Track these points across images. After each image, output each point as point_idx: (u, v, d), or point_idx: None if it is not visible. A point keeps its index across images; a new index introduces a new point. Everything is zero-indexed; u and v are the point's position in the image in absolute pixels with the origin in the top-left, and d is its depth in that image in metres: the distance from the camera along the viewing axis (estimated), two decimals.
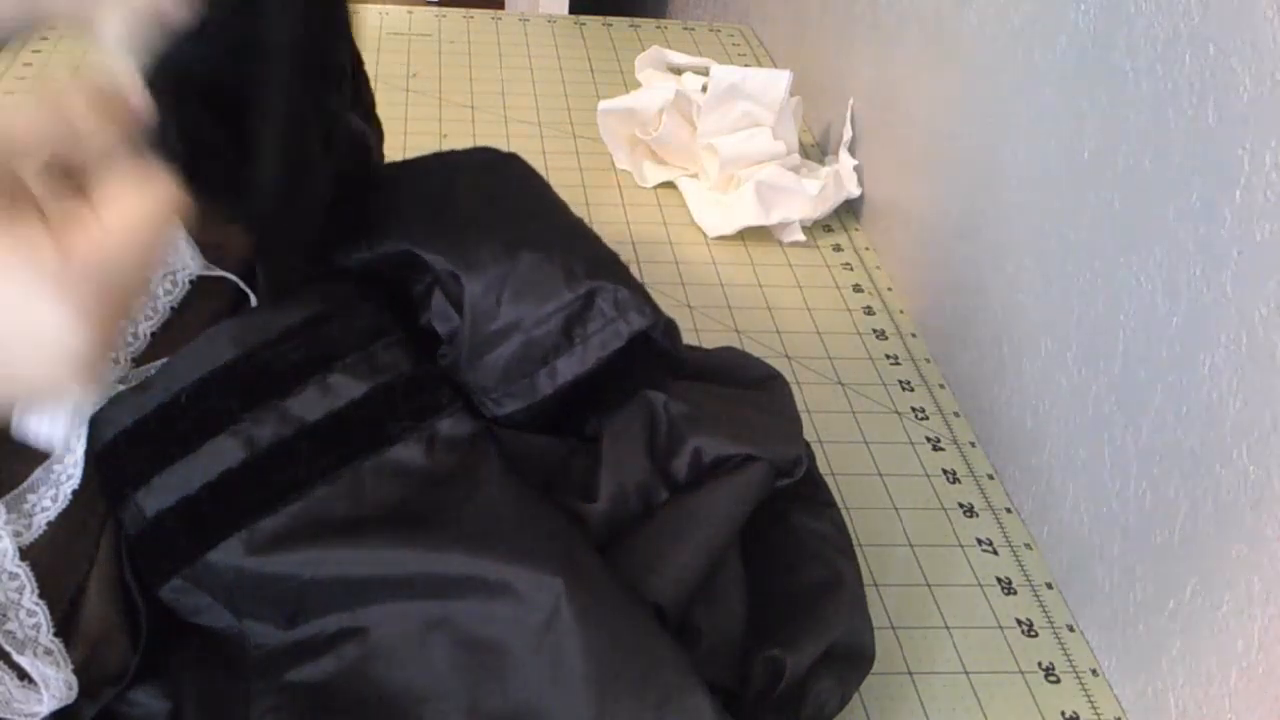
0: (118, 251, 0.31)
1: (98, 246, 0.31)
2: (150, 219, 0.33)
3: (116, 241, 0.32)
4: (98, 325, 0.31)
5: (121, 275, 0.32)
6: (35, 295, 0.30)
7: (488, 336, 0.51)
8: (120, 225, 0.32)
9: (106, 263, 0.31)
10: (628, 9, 1.40)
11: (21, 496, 0.44)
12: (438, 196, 0.53)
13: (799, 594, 0.52)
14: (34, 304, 0.30)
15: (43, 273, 0.30)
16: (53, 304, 0.30)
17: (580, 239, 0.55)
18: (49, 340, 0.30)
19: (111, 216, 0.32)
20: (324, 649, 0.45)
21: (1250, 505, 0.48)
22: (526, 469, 0.51)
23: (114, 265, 0.31)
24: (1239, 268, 0.49)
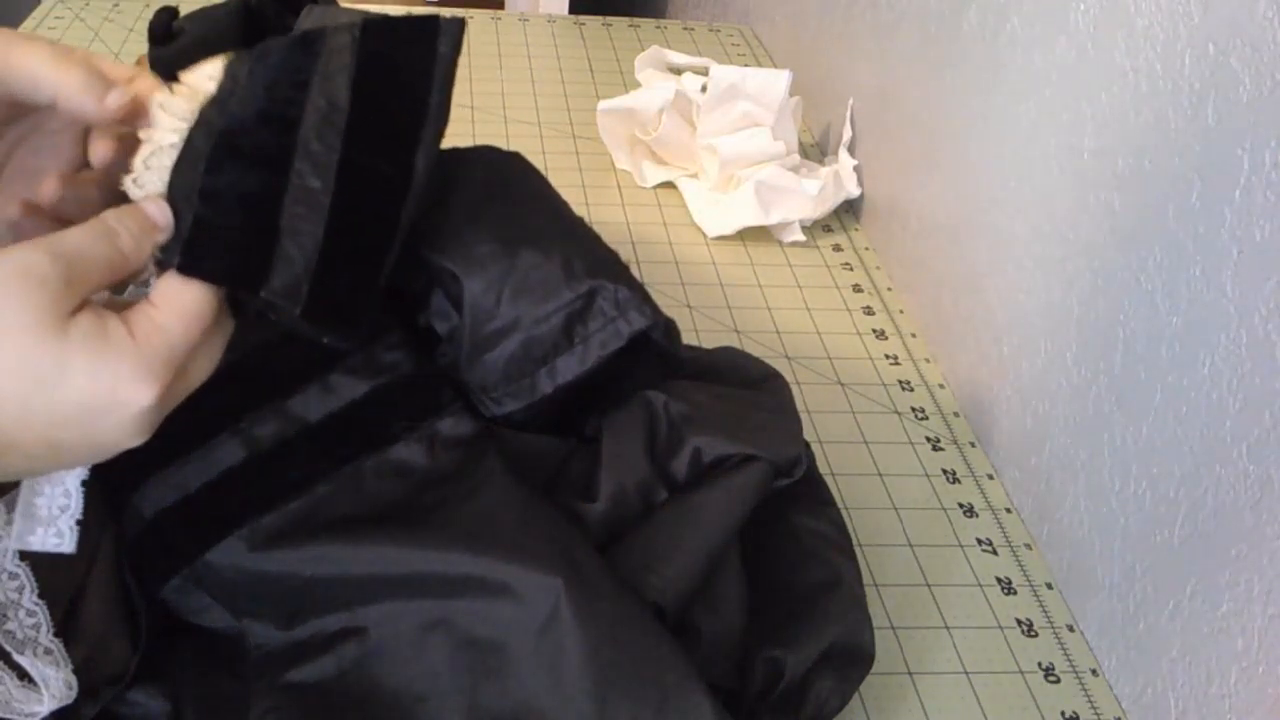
0: (178, 329, 0.36)
1: (160, 328, 0.36)
2: (199, 304, 0.37)
3: (175, 322, 0.36)
4: (166, 393, 0.35)
5: (182, 346, 0.36)
6: (118, 373, 0.34)
7: (487, 335, 0.51)
8: (176, 311, 0.36)
9: (170, 339, 0.36)
10: (627, 9, 1.40)
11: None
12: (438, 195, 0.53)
13: (799, 594, 0.52)
14: (118, 381, 0.34)
15: (122, 353, 0.34)
16: (132, 377, 0.34)
17: (580, 238, 0.55)
18: (129, 409, 0.35)
19: (166, 307, 0.36)
20: (324, 649, 0.45)
21: (1250, 505, 0.48)
22: (526, 469, 0.51)
23: (177, 341, 0.36)
24: (1239, 268, 0.49)
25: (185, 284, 0.37)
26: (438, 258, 0.52)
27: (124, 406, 0.35)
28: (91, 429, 0.35)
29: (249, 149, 0.39)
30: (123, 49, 1.03)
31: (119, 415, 0.35)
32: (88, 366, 0.34)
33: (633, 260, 0.82)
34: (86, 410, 0.34)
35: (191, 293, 0.37)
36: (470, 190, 0.55)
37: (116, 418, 0.35)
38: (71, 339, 0.34)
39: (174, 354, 0.36)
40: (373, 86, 0.41)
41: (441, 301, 0.53)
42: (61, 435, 0.34)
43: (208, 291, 0.37)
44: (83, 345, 0.34)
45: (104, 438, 0.35)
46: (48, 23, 1.06)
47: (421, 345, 0.53)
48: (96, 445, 0.35)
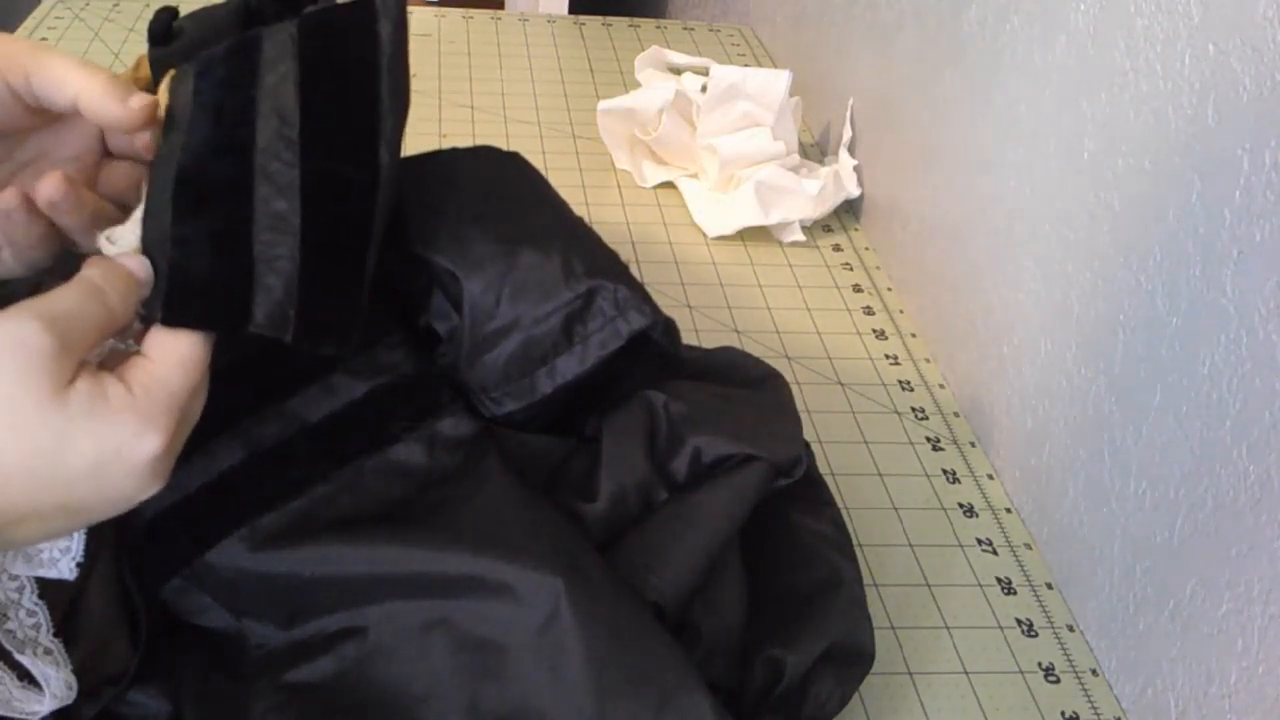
0: (176, 377, 0.36)
1: (158, 380, 0.36)
2: (192, 350, 0.37)
3: (171, 371, 0.37)
4: (172, 440, 0.36)
5: (182, 394, 0.36)
6: (121, 431, 0.34)
7: (487, 335, 0.51)
8: (171, 361, 0.37)
9: (170, 388, 0.36)
10: (627, 9, 1.40)
11: None
12: (437, 195, 0.53)
13: (799, 594, 0.52)
14: (121, 439, 0.34)
15: (123, 411, 0.35)
16: (136, 433, 0.35)
17: (580, 238, 0.55)
18: (138, 463, 0.35)
19: (160, 358, 0.37)
20: (324, 649, 0.45)
21: (1250, 505, 0.48)
22: (526, 469, 0.51)
23: (176, 389, 0.36)
24: (1239, 268, 0.49)
25: (175, 332, 0.38)
26: (437, 258, 0.52)
27: (132, 461, 0.35)
28: (103, 487, 0.35)
29: (209, 185, 0.39)
30: (123, 49, 1.03)
31: (128, 470, 0.35)
32: (91, 430, 0.34)
33: (633, 260, 0.82)
34: (95, 472, 0.34)
35: (183, 340, 0.37)
36: (470, 190, 0.54)
37: (126, 472, 0.35)
38: (72, 406, 0.34)
39: (174, 401, 0.36)
40: (320, 89, 0.41)
41: (441, 302, 0.53)
42: (73, 499, 0.35)
43: (197, 336, 0.38)
44: (84, 411, 0.34)
45: (117, 493, 0.35)
46: (47, 23, 1.06)
47: (421, 345, 0.53)
48: (111, 501, 0.36)
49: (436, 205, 0.53)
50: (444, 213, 0.53)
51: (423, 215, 0.53)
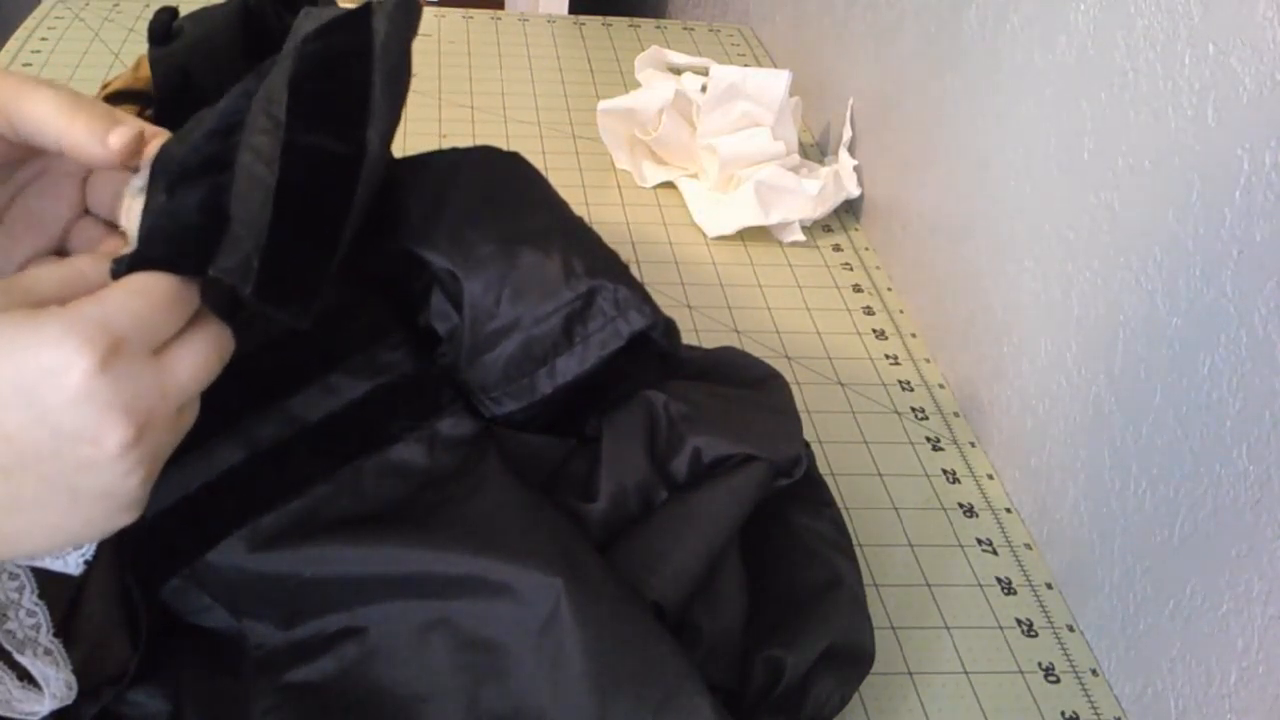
0: (116, 296, 0.33)
1: (95, 297, 0.33)
2: (145, 279, 0.35)
3: (114, 291, 0.34)
4: (106, 357, 0.32)
5: (123, 314, 0.33)
6: (40, 337, 0.31)
7: (487, 335, 0.51)
8: (119, 285, 0.34)
9: (106, 305, 0.33)
10: (627, 9, 1.40)
11: None
12: (437, 195, 0.53)
13: (799, 594, 0.52)
14: (41, 345, 0.31)
15: (46, 318, 0.32)
16: (55, 340, 0.32)
17: (580, 238, 0.55)
18: (66, 383, 0.32)
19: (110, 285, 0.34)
20: (324, 649, 0.45)
21: (1250, 505, 0.48)
22: (526, 469, 0.51)
23: (114, 307, 0.33)
24: (1239, 268, 0.49)
25: (133, 274, 0.35)
26: (437, 258, 0.52)
27: (57, 379, 0.31)
28: (41, 416, 0.31)
29: (199, 164, 0.39)
30: (123, 49, 1.03)
31: (58, 387, 0.31)
32: (7, 342, 0.31)
33: (633, 260, 0.82)
34: (20, 389, 0.31)
35: (139, 275, 0.35)
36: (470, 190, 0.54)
37: (58, 392, 0.31)
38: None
39: (109, 318, 0.32)
40: (310, 74, 0.41)
41: (441, 302, 0.53)
42: (13, 436, 0.31)
43: (157, 275, 0.35)
44: (3, 324, 0.31)
45: (63, 425, 0.31)
46: (47, 23, 1.06)
47: (421, 345, 0.53)
48: (63, 444, 0.32)
49: (436, 205, 0.53)
50: (444, 213, 0.53)
51: (422, 215, 0.53)
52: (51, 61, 0.99)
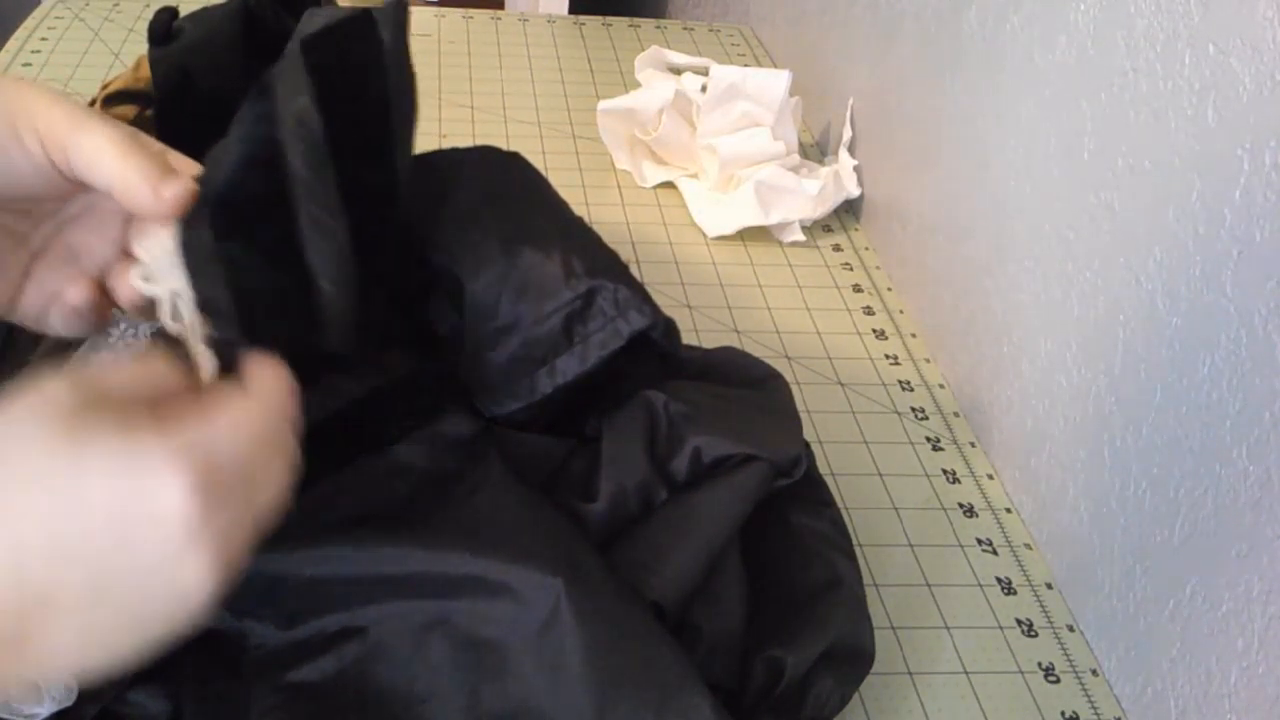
0: (222, 424, 0.31)
1: (198, 416, 0.31)
2: (247, 413, 0.32)
3: (219, 416, 0.31)
4: (206, 495, 0.30)
5: (222, 446, 0.31)
6: (137, 459, 0.29)
7: (488, 335, 0.51)
8: (222, 410, 0.32)
9: (211, 429, 0.31)
10: (627, 9, 1.40)
11: None
12: (438, 195, 0.53)
13: (799, 594, 0.52)
14: (138, 468, 0.29)
15: (143, 437, 0.30)
16: (153, 467, 0.29)
17: (580, 238, 0.55)
18: (160, 512, 0.29)
19: (212, 406, 0.32)
20: (324, 649, 0.45)
21: (1250, 505, 0.48)
22: (526, 469, 0.51)
23: (219, 434, 0.31)
24: (1239, 268, 0.49)
25: (240, 395, 0.33)
26: (438, 258, 0.52)
27: (152, 507, 0.29)
28: (129, 548, 0.29)
29: (247, 202, 0.38)
30: (123, 49, 1.03)
31: (151, 520, 0.29)
32: (104, 465, 0.29)
33: (633, 260, 0.82)
34: (114, 521, 0.29)
35: (242, 404, 0.32)
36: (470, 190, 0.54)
37: (153, 524, 0.29)
38: (85, 441, 0.29)
39: (214, 453, 0.30)
40: (335, 98, 0.40)
41: (441, 301, 0.53)
42: (100, 567, 0.29)
43: (261, 405, 0.33)
44: (100, 444, 0.29)
45: (148, 559, 0.29)
46: (47, 23, 1.06)
47: (422, 345, 0.53)
48: (144, 577, 0.29)
49: (437, 205, 0.53)
50: (444, 213, 0.53)
51: (423, 215, 0.53)
52: (51, 61, 0.99)
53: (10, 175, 0.36)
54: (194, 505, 0.29)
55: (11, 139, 0.36)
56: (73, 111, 0.36)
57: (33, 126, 0.36)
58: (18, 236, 0.39)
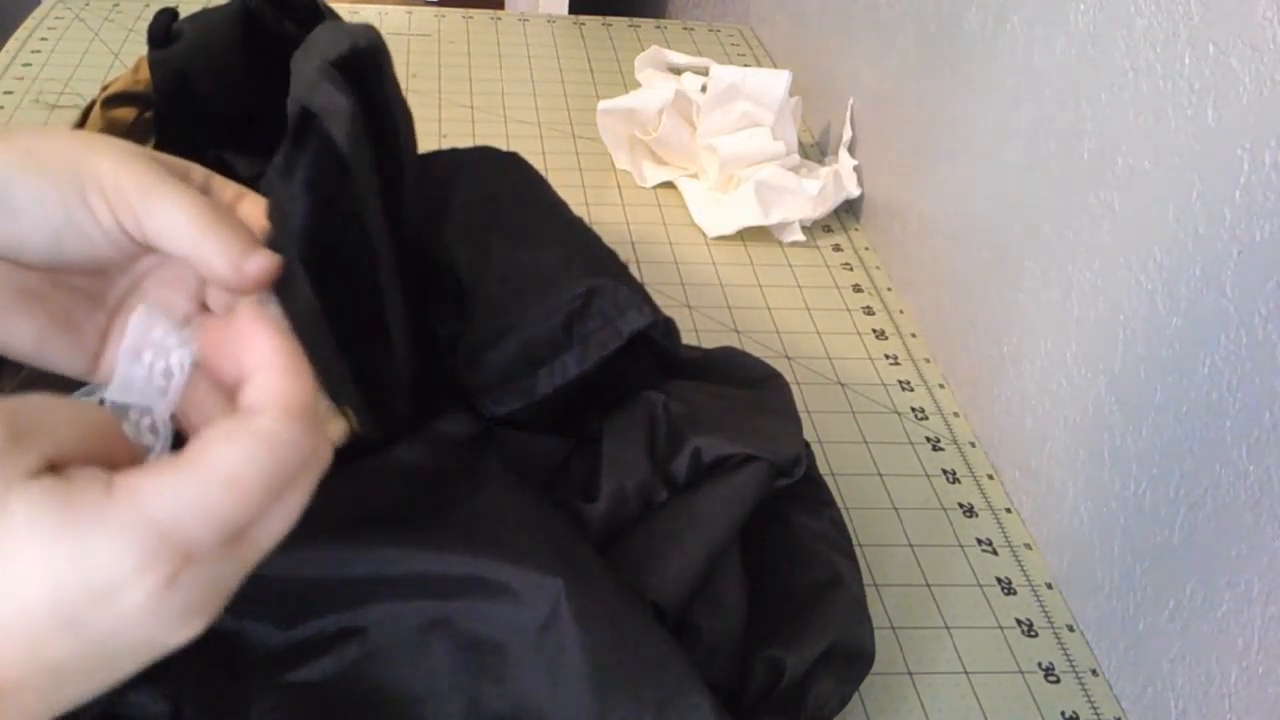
0: (191, 486, 0.26)
1: (161, 482, 0.26)
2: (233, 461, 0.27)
3: (190, 476, 0.27)
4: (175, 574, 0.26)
5: (201, 515, 0.26)
6: (83, 547, 0.25)
7: (487, 335, 0.51)
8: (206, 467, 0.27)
9: (178, 497, 0.26)
10: (627, 9, 1.40)
11: None
12: (437, 196, 0.53)
13: (799, 594, 0.52)
14: (86, 557, 0.25)
15: (88, 518, 0.25)
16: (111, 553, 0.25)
17: (580, 238, 0.55)
18: (131, 600, 0.26)
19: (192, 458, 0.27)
20: (324, 649, 0.45)
21: (1250, 505, 0.48)
22: (526, 469, 0.51)
23: (186, 500, 0.26)
24: (1239, 268, 0.49)
25: (229, 433, 0.27)
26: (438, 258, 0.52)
27: (104, 581, 0.25)
28: (79, 626, 0.25)
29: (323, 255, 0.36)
30: (122, 49, 1.03)
31: (106, 598, 0.25)
32: (37, 534, 0.24)
33: (633, 260, 0.82)
34: (58, 600, 0.25)
35: (235, 448, 0.27)
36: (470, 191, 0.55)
37: (105, 602, 0.25)
38: (13, 511, 0.24)
39: (181, 525, 0.26)
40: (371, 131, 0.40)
41: (441, 301, 0.53)
42: (55, 653, 0.25)
43: (256, 456, 0.27)
44: (29, 518, 0.24)
45: (103, 633, 0.25)
46: (47, 23, 1.06)
47: (422, 345, 0.53)
48: (101, 648, 0.26)
49: (437, 205, 0.53)
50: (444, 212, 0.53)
51: (423, 215, 0.53)
52: (51, 61, 0.99)
53: (80, 241, 0.34)
54: (154, 578, 0.25)
55: (80, 207, 0.33)
56: (142, 175, 0.34)
57: (100, 192, 0.33)
58: (94, 298, 0.37)
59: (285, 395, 0.29)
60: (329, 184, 0.37)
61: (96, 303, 0.37)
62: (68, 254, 0.34)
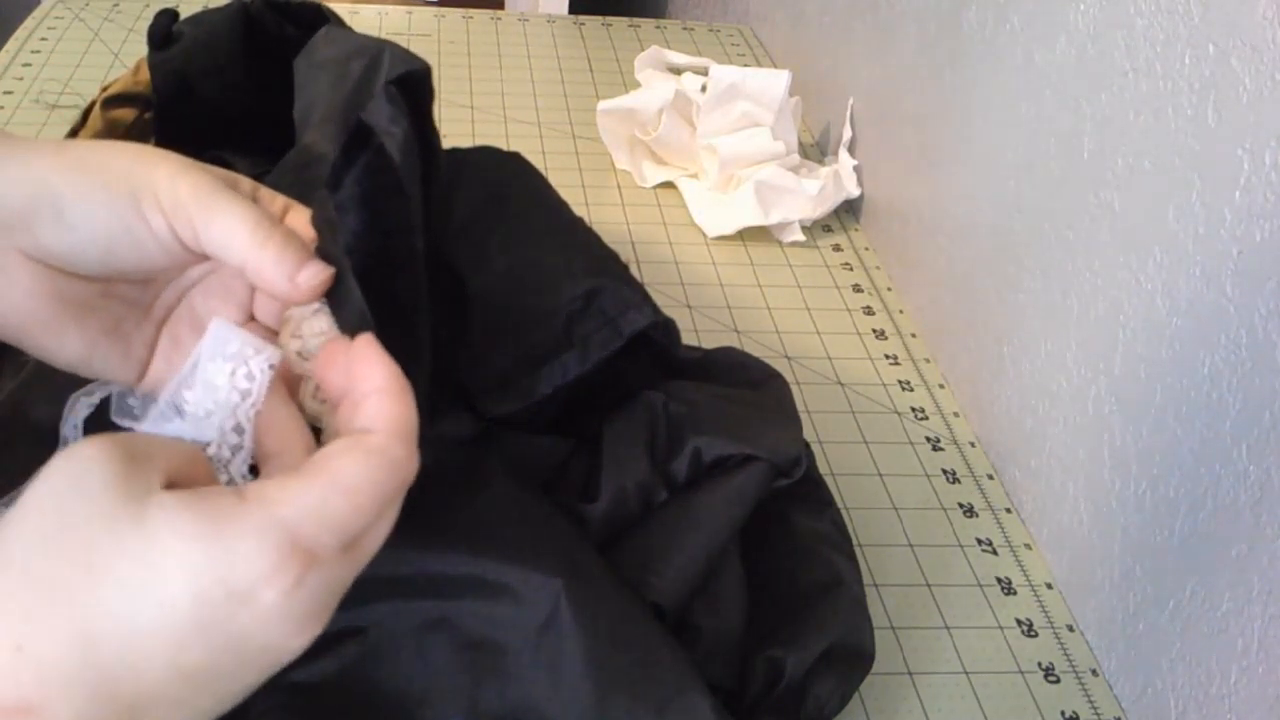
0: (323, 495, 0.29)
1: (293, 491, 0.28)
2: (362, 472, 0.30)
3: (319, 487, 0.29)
4: (303, 576, 0.28)
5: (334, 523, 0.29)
6: (223, 549, 0.27)
7: (488, 336, 0.51)
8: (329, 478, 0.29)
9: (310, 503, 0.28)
10: (627, 9, 1.40)
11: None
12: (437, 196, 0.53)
13: (799, 594, 0.52)
14: (229, 558, 0.27)
15: (226, 521, 0.27)
16: (250, 555, 0.27)
17: (580, 238, 0.55)
18: (264, 601, 0.27)
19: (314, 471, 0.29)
20: (324, 649, 0.45)
21: (1250, 505, 0.48)
22: (526, 469, 0.51)
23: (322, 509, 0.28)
24: (1239, 268, 0.49)
25: (349, 447, 0.30)
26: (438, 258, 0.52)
27: (241, 583, 0.27)
28: (213, 630, 0.27)
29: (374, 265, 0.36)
30: (122, 49, 1.03)
31: (242, 599, 0.27)
32: (179, 539, 0.26)
33: (633, 260, 0.82)
34: (197, 603, 0.26)
35: (356, 463, 0.29)
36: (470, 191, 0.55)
37: (240, 603, 0.27)
38: (153, 512, 0.27)
39: (308, 528, 0.28)
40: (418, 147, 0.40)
41: (442, 302, 0.53)
42: (184, 656, 0.26)
43: (374, 465, 0.30)
44: (169, 523, 0.27)
45: (236, 638, 0.27)
46: (47, 23, 1.06)
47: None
48: (233, 655, 0.27)
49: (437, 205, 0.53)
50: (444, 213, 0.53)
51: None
52: (51, 61, 0.99)
53: (133, 251, 0.35)
54: (287, 578, 0.27)
55: (135, 217, 0.34)
56: (198, 186, 0.34)
57: (156, 203, 0.34)
58: (141, 308, 0.38)
59: (398, 419, 0.31)
60: (379, 198, 0.37)
61: (144, 313, 0.38)
62: (120, 264, 0.35)
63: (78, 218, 0.33)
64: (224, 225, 0.34)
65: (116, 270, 0.35)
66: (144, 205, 0.34)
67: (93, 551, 0.26)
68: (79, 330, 0.36)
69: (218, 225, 0.34)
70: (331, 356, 0.33)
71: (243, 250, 0.34)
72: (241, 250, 0.34)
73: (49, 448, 0.44)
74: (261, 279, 0.35)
